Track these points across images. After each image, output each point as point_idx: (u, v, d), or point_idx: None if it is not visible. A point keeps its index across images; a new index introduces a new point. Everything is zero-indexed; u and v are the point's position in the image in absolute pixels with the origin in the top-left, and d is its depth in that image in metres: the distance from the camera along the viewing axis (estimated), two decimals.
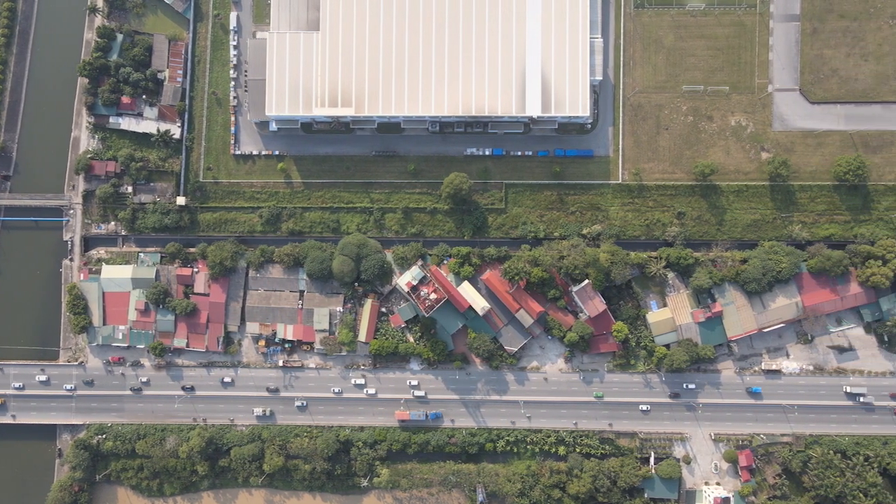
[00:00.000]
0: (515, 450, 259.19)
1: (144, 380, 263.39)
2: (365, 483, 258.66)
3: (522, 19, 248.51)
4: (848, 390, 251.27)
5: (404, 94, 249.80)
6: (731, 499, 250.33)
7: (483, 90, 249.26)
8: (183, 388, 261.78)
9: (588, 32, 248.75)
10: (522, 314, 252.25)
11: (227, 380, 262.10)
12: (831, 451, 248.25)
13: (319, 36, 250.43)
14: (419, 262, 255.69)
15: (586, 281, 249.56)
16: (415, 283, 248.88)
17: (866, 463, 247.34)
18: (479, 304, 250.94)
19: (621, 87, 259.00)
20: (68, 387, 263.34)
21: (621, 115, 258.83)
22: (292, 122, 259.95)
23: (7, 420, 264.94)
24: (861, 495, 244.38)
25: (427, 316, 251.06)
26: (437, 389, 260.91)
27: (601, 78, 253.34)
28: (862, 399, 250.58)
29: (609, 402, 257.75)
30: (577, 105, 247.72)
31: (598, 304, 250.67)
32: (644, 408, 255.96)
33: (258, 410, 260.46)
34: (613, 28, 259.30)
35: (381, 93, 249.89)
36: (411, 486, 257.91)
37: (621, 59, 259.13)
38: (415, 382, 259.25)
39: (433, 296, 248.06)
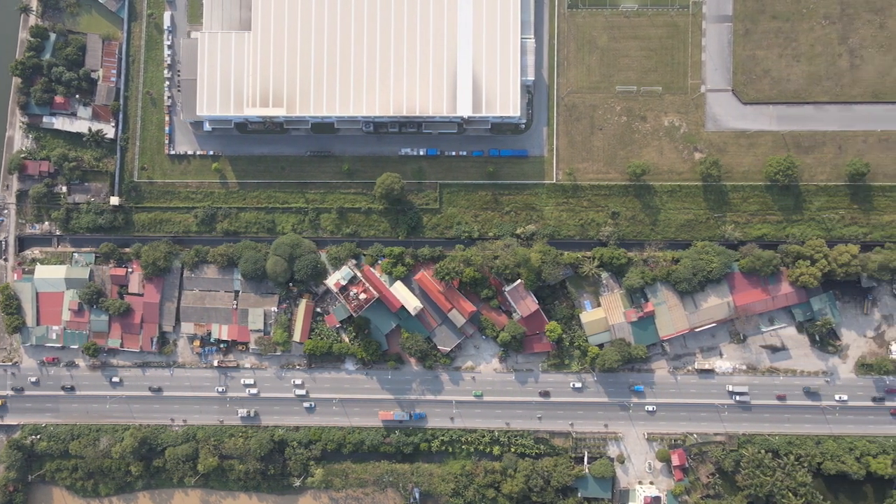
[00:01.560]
0: (451, 450, 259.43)
1: (79, 381, 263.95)
2: (298, 483, 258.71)
3: (454, 19, 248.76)
4: (730, 388, 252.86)
5: (336, 94, 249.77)
6: (662, 498, 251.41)
7: (414, 90, 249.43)
8: (63, 388, 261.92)
9: (519, 33, 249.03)
10: (455, 314, 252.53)
11: (115, 379, 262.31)
12: (762, 451, 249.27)
13: (251, 35, 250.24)
14: (351, 262, 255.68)
15: (518, 281, 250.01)
16: (344, 283, 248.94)
17: (797, 462, 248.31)
18: (412, 303, 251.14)
19: (555, 87, 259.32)
20: None
21: (555, 115, 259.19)
22: (226, 122, 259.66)
23: None
24: (790, 494, 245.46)
25: (357, 316, 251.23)
26: (371, 389, 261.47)
27: (533, 78, 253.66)
28: (738, 398, 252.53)
29: (546, 402, 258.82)
30: (507, 105, 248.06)
31: (530, 304, 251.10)
32: (654, 407, 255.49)
33: (242, 412, 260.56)
34: (547, 28, 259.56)
35: (313, 93, 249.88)
36: (345, 485, 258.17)
37: (555, 59, 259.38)
38: (298, 382, 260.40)
39: (363, 295, 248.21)
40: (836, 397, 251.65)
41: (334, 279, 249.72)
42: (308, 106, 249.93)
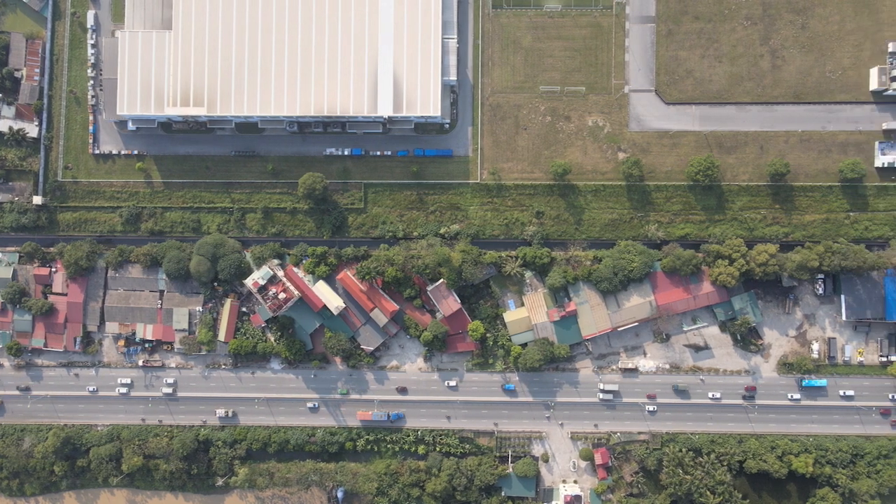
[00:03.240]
0: (376, 449, 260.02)
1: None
2: (221, 482, 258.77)
3: (375, 19, 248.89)
4: (602, 387, 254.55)
5: (257, 93, 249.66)
6: (584, 496, 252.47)
7: (336, 90, 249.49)
8: None
9: (440, 33, 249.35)
10: (377, 313, 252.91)
11: None
12: (683, 449, 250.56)
13: (172, 35, 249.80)
14: (273, 262, 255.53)
15: (440, 280, 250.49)
16: (262, 282, 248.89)
17: (717, 461, 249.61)
18: (334, 303, 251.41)
19: (480, 87, 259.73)
20: None
21: (480, 115, 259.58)
22: (151, 122, 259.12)
23: None
24: (708, 493, 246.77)
25: (276, 316, 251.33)
26: (297, 388, 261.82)
27: (455, 78, 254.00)
28: (602, 396, 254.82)
29: (467, 401, 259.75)
30: (428, 105, 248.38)
31: (452, 304, 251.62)
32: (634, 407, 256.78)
33: (220, 412, 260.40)
34: (472, 28, 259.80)
35: (234, 92, 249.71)
36: (269, 485, 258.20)
37: (480, 59, 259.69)
38: (170, 380, 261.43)
39: (282, 295, 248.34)
40: (710, 395, 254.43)
41: (252, 279, 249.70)
42: (230, 106, 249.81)
